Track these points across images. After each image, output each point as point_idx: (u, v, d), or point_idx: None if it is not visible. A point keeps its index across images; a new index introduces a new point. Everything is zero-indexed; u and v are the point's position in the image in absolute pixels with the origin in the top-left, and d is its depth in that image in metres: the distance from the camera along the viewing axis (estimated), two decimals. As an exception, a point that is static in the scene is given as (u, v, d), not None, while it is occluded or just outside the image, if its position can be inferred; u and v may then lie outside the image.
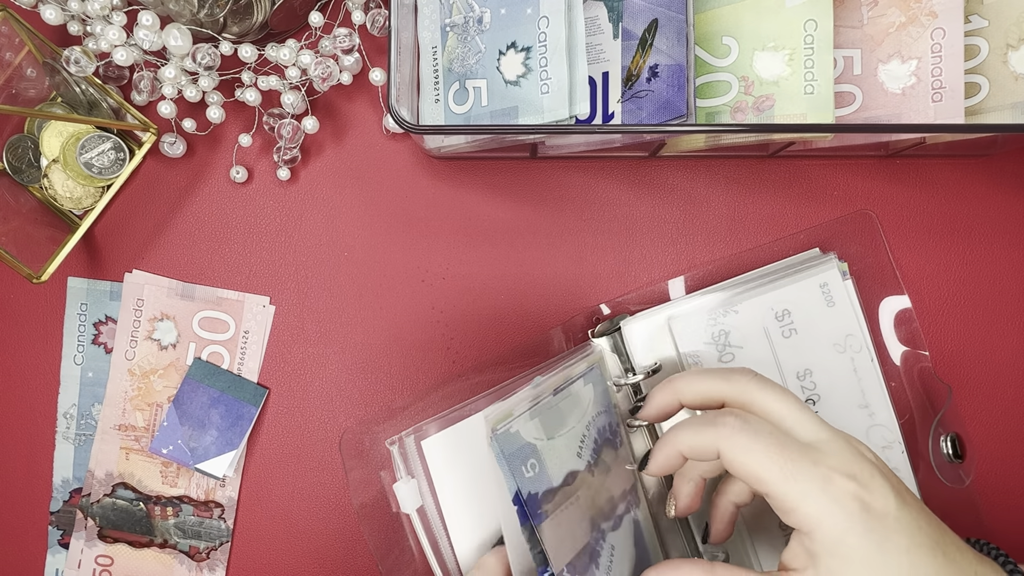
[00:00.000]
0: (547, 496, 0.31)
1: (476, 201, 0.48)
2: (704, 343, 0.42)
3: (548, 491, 0.32)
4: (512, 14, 0.41)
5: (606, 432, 0.37)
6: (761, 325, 0.42)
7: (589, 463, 0.35)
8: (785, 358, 0.42)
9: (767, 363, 0.42)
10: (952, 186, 0.47)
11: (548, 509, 0.31)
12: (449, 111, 0.43)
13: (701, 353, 0.42)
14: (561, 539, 0.32)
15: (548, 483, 0.32)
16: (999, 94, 0.41)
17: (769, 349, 0.42)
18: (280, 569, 0.48)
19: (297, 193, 0.48)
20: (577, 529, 0.33)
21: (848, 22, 0.42)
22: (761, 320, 0.42)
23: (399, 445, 0.39)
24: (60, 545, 0.49)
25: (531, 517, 0.30)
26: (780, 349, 0.42)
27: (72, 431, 0.48)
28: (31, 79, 0.47)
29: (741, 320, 0.42)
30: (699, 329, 0.42)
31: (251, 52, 0.44)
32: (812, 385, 0.42)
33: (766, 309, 0.42)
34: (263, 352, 0.48)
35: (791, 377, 0.42)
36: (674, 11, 0.40)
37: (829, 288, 0.42)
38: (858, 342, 0.42)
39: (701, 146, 0.44)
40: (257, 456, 0.48)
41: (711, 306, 0.42)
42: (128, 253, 0.48)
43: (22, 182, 0.48)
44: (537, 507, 0.31)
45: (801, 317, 0.42)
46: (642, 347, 0.43)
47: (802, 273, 0.42)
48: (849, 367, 0.42)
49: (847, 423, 0.42)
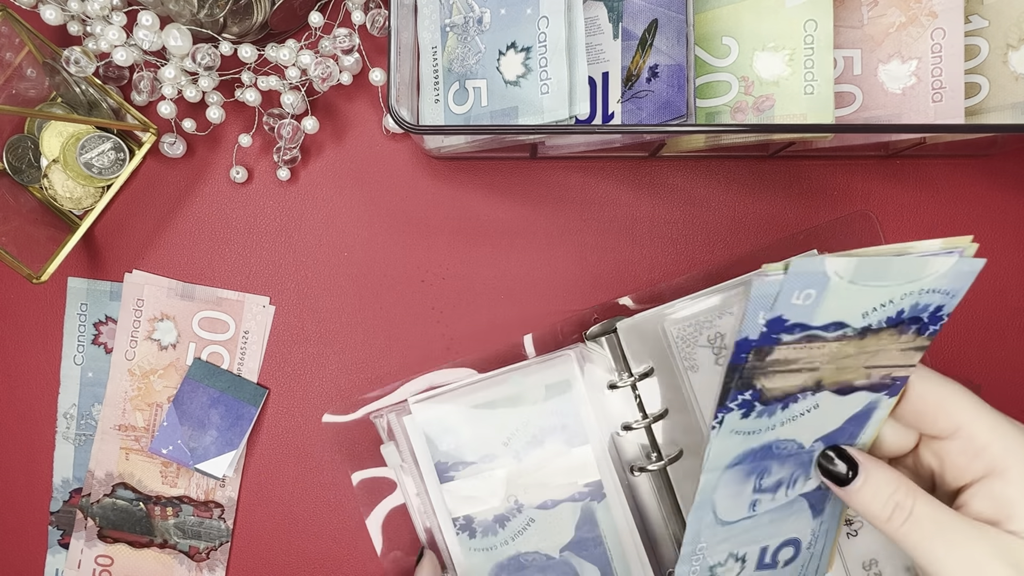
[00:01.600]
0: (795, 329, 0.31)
1: (476, 201, 0.48)
2: (700, 345, 0.42)
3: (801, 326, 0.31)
4: (512, 14, 0.41)
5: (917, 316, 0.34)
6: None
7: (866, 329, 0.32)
8: None
9: None
10: (952, 186, 0.47)
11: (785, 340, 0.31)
12: (449, 111, 0.43)
13: (697, 356, 0.42)
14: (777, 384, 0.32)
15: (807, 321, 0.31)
16: (999, 94, 0.41)
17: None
18: (280, 569, 0.48)
19: (297, 193, 0.48)
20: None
21: (848, 22, 0.42)
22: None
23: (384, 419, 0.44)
24: (60, 545, 0.49)
25: (768, 337, 0.30)
26: None
27: (72, 431, 0.48)
28: (31, 79, 0.47)
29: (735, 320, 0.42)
30: (693, 332, 0.42)
31: (251, 52, 0.44)
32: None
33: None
34: (263, 352, 0.48)
35: None
36: (674, 11, 0.40)
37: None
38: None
39: (701, 146, 0.44)
40: (257, 456, 0.48)
41: (707, 308, 0.42)
42: (128, 253, 0.48)
43: (22, 182, 0.48)
44: (778, 332, 0.30)
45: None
46: (636, 348, 0.43)
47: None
48: None
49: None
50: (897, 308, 0.31)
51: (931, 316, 0.32)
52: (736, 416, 0.32)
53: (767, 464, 0.34)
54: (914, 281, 0.30)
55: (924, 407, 0.30)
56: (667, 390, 0.43)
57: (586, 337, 0.44)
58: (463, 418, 0.43)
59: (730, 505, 0.35)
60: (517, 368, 0.43)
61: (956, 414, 0.29)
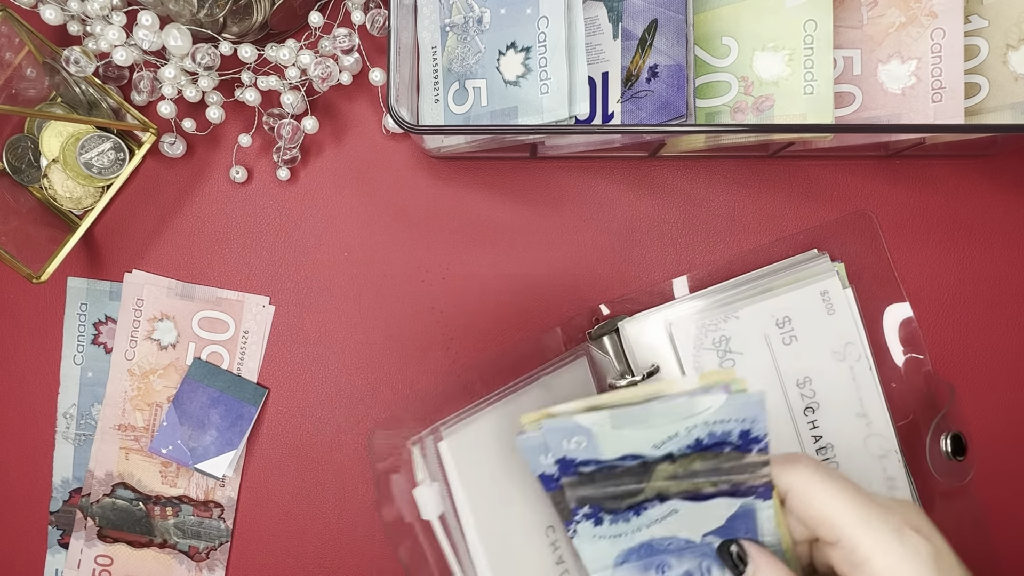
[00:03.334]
0: (588, 465, 0.31)
1: (476, 201, 0.48)
2: (704, 348, 0.42)
3: (594, 463, 0.31)
4: (512, 14, 0.41)
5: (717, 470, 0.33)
6: (762, 332, 0.42)
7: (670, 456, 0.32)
8: (785, 365, 0.42)
9: (767, 370, 0.42)
10: (952, 186, 0.47)
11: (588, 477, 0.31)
12: (449, 111, 0.43)
13: (702, 358, 0.42)
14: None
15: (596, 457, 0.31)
16: (999, 94, 0.41)
17: (769, 356, 0.42)
18: (280, 569, 0.48)
19: (297, 193, 0.48)
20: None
21: (848, 22, 0.42)
22: (762, 327, 0.42)
23: (420, 446, 0.38)
24: (60, 545, 0.49)
25: (561, 476, 0.30)
26: (780, 356, 0.42)
27: (72, 431, 0.48)
28: (31, 79, 0.47)
29: (742, 326, 0.42)
30: (699, 334, 0.42)
31: (251, 52, 0.44)
32: (812, 393, 0.42)
33: (767, 316, 0.42)
34: (263, 352, 0.48)
35: (791, 385, 0.42)
36: (674, 11, 0.40)
37: (830, 296, 0.42)
38: (857, 351, 0.42)
39: (701, 146, 0.44)
40: (257, 456, 0.48)
41: (710, 310, 0.42)
42: (128, 253, 0.48)
43: (22, 182, 0.48)
44: (572, 469, 0.30)
45: (802, 324, 0.42)
46: (641, 348, 0.43)
47: (803, 280, 0.42)
48: (848, 375, 0.42)
49: (845, 432, 0.42)
50: (692, 437, 0.30)
51: (742, 439, 0.30)
52: (589, 525, 0.32)
53: (661, 558, 0.34)
54: (689, 418, 0.29)
55: (804, 513, 0.30)
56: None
57: (589, 337, 0.44)
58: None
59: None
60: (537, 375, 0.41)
61: (837, 525, 0.29)
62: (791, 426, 0.42)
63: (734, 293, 0.43)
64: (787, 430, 0.42)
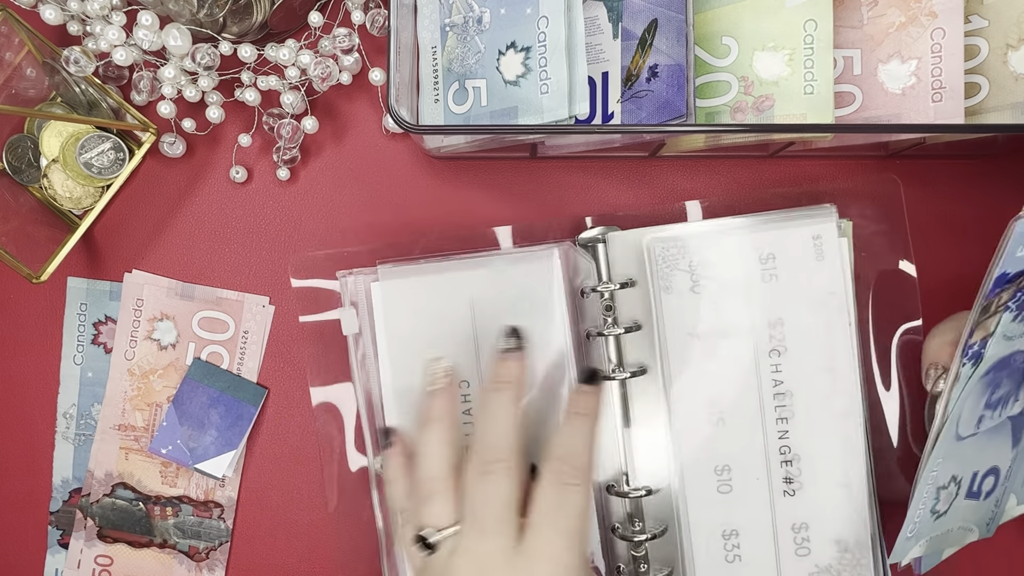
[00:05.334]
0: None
1: (476, 201, 0.48)
2: (679, 269, 0.41)
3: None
4: (512, 14, 0.41)
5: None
6: (742, 264, 0.41)
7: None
8: (759, 303, 0.41)
9: (738, 305, 0.41)
10: (952, 186, 0.47)
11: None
12: (449, 111, 0.43)
13: (672, 278, 0.41)
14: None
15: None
16: (999, 94, 0.41)
17: (744, 290, 0.41)
18: (280, 569, 0.48)
19: (297, 193, 0.48)
20: None
21: (848, 22, 0.42)
22: (743, 258, 0.41)
23: (351, 279, 0.44)
24: (60, 545, 0.49)
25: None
26: (756, 292, 0.41)
27: (72, 431, 0.48)
28: (31, 79, 0.47)
29: (722, 253, 0.41)
30: (675, 254, 0.41)
31: (251, 52, 0.44)
32: (781, 336, 0.41)
33: (750, 248, 0.41)
34: (263, 352, 0.48)
35: (761, 324, 0.41)
36: (674, 11, 0.40)
37: (822, 241, 0.40)
38: (839, 302, 0.40)
39: (701, 146, 0.44)
40: (257, 456, 0.48)
41: (695, 236, 0.41)
42: (128, 253, 0.48)
43: (22, 182, 0.48)
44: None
45: (785, 264, 0.40)
46: (623, 261, 0.42)
47: (797, 221, 0.41)
48: (823, 327, 0.40)
49: (807, 384, 0.41)
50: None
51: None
52: (1009, 317, 0.33)
53: (1001, 376, 0.35)
54: None
55: None
56: (636, 308, 0.43)
57: (578, 241, 0.44)
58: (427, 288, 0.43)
59: (967, 418, 0.35)
60: (497, 254, 0.44)
61: None
62: (753, 365, 0.41)
63: (725, 223, 0.42)
64: (748, 369, 0.41)
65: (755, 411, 0.41)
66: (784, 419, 0.41)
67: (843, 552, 0.41)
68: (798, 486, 0.41)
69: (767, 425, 0.41)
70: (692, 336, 0.41)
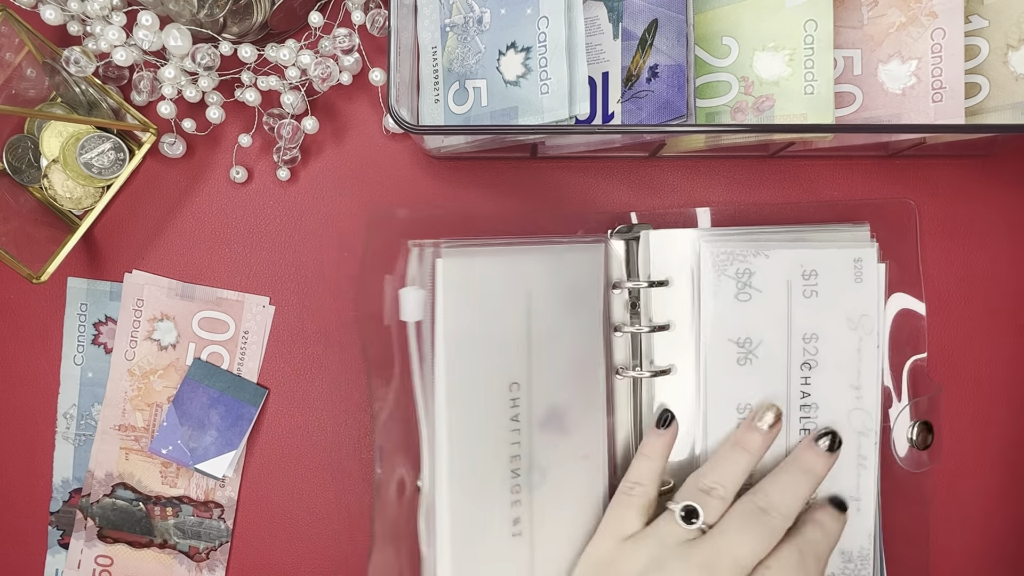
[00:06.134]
0: None
1: (476, 201, 0.48)
2: (726, 275, 0.42)
3: None
4: (512, 14, 0.41)
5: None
6: (786, 277, 0.42)
7: None
8: (798, 317, 0.42)
9: (779, 316, 0.42)
10: (952, 186, 0.47)
11: None
12: (449, 111, 0.43)
13: (721, 284, 0.42)
14: None
15: None
16: (999, 94, 0.41)
17: (785, 303, 0.42)
18: (280, 569, 0.48)
19: (297, 193, 0.48)
20: None
21: (848, 22, 0.42)
22: (787, 272, 0.42)
23: (420, 251, 0.40)
24: (60, 545, 0.49)
25: None
26: (796, 306, 0.42)
27: (72, 431, 0.48)
28: (31, 79, 0.47)
29: (769, 265, 0.42)
30: (724, 260, 0.42)
31: (251, 52, 0.44)
32: (815, 351, 0.42)
33: (796, 263, 0.42)
34: (263, 352, 0.48)
35: (797, 337, 0.42)
36: (674, 11, 0.40)
37: (862, 265, 0.42)
38: (871, 324, 0.42)
39: (701, 146, 0.44)
40: (257, 456, 0.48)
41: (743, 242, 0.42)
42: (128, 253, 0.48)
43: (22, 182, 0.48)
44: None
45: (826, 283, 0.42)
46: (658, 259, 0.43)
47: (840, 242, 0.42)
48: (855, 346, 0.42)
49: (834, 399, 0.42)
50: None
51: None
52: None
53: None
54: None
55: None
56: (668, 308, 0.43)
57: (612, 234, 0.44)
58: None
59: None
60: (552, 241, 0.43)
61: None
62: (784, 375, 0.42)
63: (771, 233, 0.43)
64: (779, 378, 0.42)
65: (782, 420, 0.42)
66: (807, 430, 0.42)
67: (847, 563, 0.42)
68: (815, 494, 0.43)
69: (790, 435, 0.42)
70: (731, 342, 0.42)
